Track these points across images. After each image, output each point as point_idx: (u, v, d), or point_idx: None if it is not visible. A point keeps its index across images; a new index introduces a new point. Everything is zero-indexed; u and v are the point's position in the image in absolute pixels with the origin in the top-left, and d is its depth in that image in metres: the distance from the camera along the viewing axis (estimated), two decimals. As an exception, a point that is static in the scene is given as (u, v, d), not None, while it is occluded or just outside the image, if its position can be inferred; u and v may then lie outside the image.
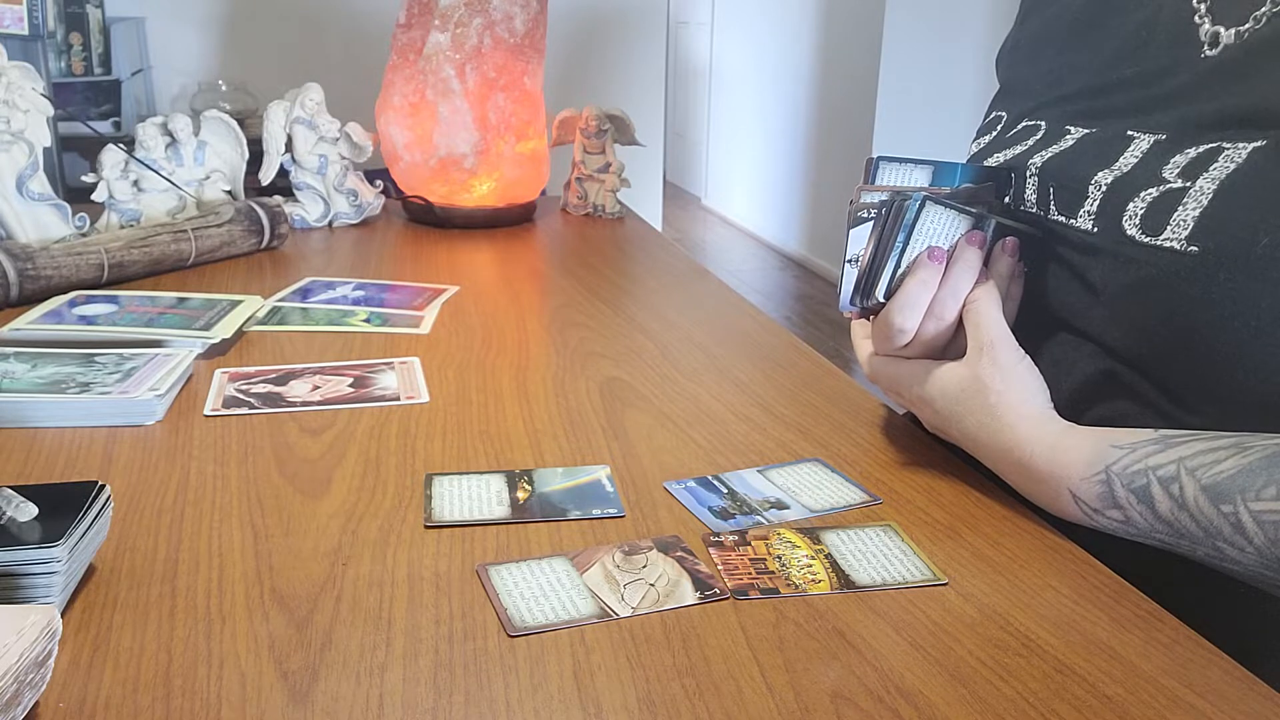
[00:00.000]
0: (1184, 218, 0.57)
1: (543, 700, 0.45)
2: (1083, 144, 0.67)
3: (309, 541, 0.58)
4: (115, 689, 0.46)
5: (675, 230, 5.48)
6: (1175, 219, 0.57)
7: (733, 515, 0.62)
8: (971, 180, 0.70)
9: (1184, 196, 0.57)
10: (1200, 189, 0.57)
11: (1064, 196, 0.66)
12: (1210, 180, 0.57)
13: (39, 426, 0.73)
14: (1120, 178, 0.62)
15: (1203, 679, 0.48)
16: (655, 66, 2.70)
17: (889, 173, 0.69)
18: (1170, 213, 0.58)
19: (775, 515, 0.63)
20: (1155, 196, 0.59)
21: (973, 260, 0.65)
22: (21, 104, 1.09)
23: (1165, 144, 0.61)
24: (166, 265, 1.12)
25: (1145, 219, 0.59)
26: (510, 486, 0.65)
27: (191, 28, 2.35)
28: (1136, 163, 0.62)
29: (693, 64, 6.15)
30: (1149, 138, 0.62)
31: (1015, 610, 0.53)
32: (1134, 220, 0.60)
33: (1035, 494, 0.61)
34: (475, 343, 0.93)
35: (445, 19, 1.32)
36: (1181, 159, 0.59)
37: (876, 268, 0.66)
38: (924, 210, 0.64)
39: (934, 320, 0.65)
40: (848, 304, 0.68)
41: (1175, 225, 0.57)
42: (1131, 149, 0.63)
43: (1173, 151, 0.60)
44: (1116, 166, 0.63)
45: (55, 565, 0.49)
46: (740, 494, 0.65)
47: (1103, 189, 0.63)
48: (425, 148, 1.37)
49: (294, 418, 0.76)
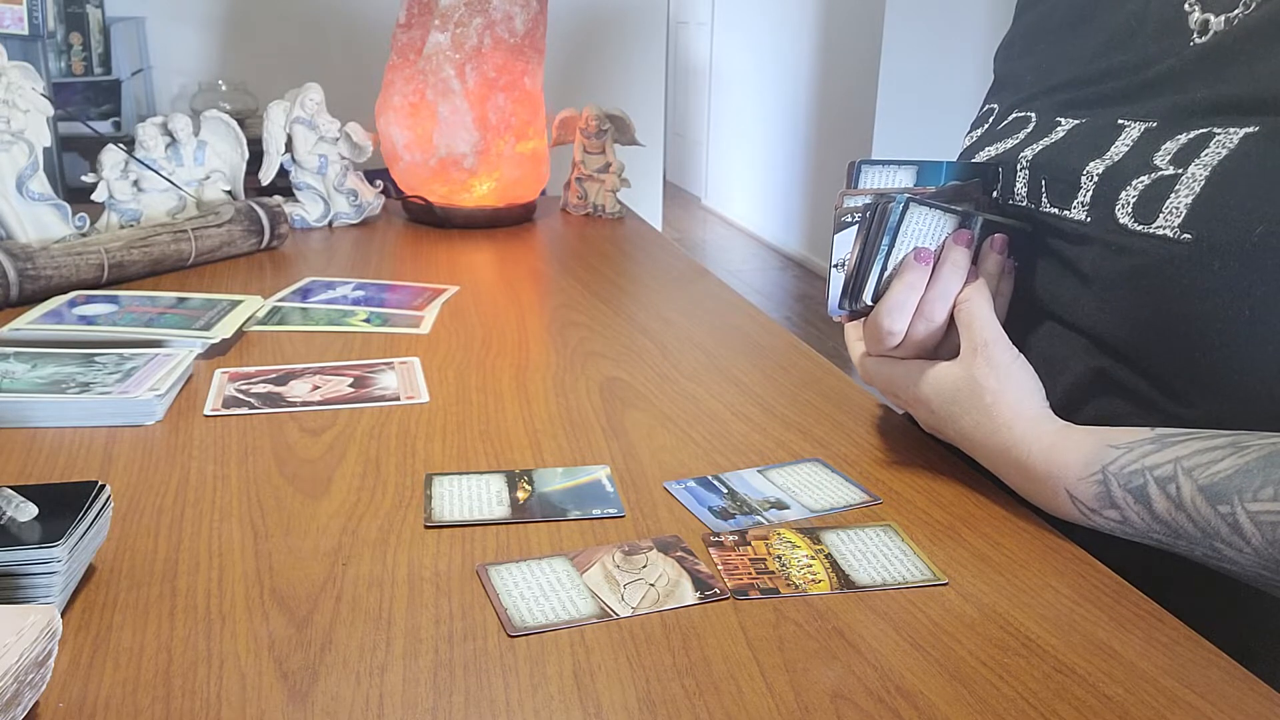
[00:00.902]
0: (1176, 205, 0.57)
1: (543, 700, 0.45)
2: (1073, 135, 0.67)
3: (309, 541, 0.58)
4: (115, 689, 0.46)
5: (675, 230, 5.48)
6: (1168, 206, 0.57)
7: (733, 515, 0.62)
8: (957, 177, 0.70)
9: (1176, 184, 0.57)
10: (1192, 175, 0.57)
11: (1056, 188, 0.66)
12: (1202, 167, 0.56)
13: (39, 426, 0.73)
14: (1111, 167, 0.62)
15: (1203, 679, 0.48)
16: (655, 66, 2.70)
17: (872, 176, 0.68)
18: (1162, 200, 0.58)
19: (775, 515, 0.63)
20: (1147, 184, 0.59)
21: (960, 260, 0.65)
22: (21, 104, 1.09)
23: (1156, 131, 0.61)
24: (166, 265, 1.12)
25: (1138, 207, 0.59)
26: (510, 486, 0.65)
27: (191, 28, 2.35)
28: (1127, 151, 0.61)
29: (693, 64, 6.15)
30: (1140, 125, 0.62)
31: (1015, 610, 0.53)
32: (1126, 209, 0.60)
33: (1032, 494, 0.61)
34: (475, 343, 0.93)
35: (445, 19, 1.32)
36: (1172, 145, 0.59)
37: (863, 272, 0.66)
38: (908, 212, 0.64)
39: (924, 321, 0.65)
40: (836, 308, 0.68)
41: (1168, 213, 0.57)
42: (1122, 138, 0.63)
43: (1163, 138, 0.60)
44: (1108, 156, 0.62)
45: (55, 565, 0.49)
46: (740, 494, 0.65)
47: (1095, 179, 0.62)
48: (425, 148, 1.37)
49: (294, 418, 0.76)
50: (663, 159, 2.84)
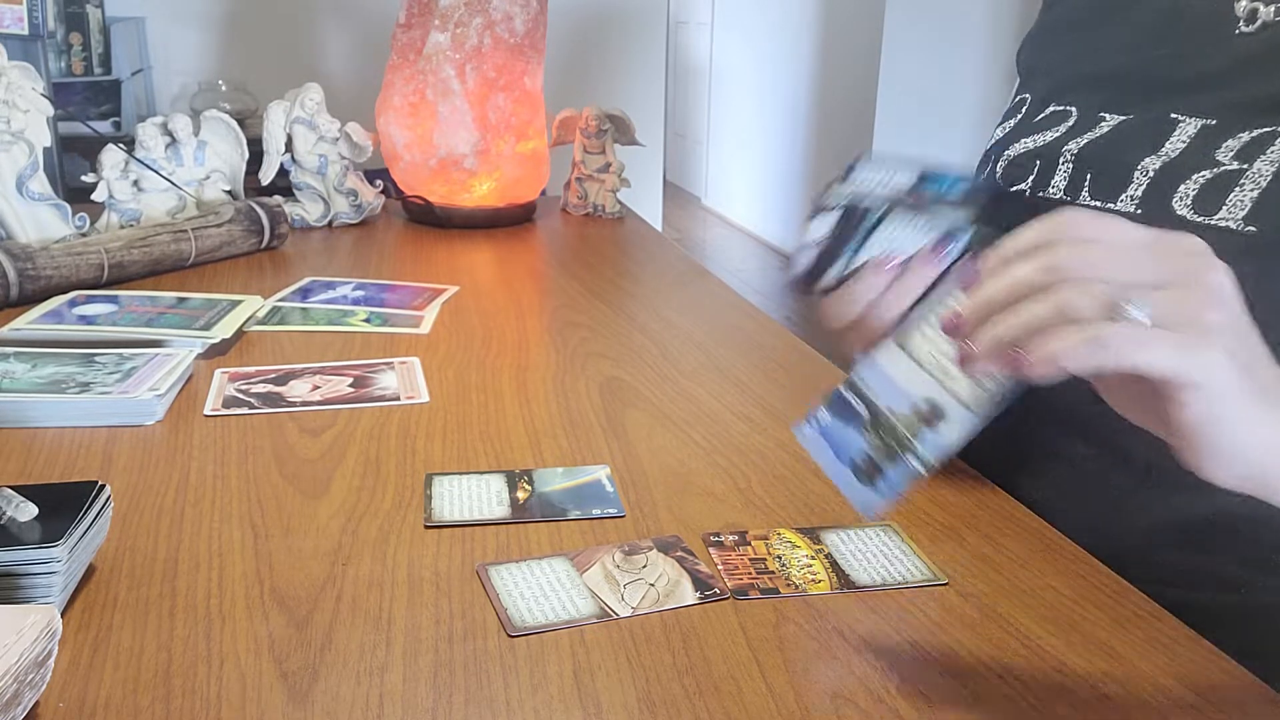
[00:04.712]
0: (1241, 198, 0.57)
1: (543, 700, 0.45)
2: (1122, 130, 0.66)
3: (309, 541, 0.58)
4: (115, 689, 0.46)
5: (675, 230, 5.48)
6: (1231, 199, 0.57)
7: (880, 469, 0.47)
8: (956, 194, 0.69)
9: (1240, 178, 0.57)
10: (1259, 171, 0.57)
11: (1102, 182, 0.65)
12: (1269, 163, 0.56)
13: (39, 426, 0.73)
14: (1169, 162, 0.61)
15: (1203, 679, 0.48)
16: (655, 66, 2.70)
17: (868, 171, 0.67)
18: (1225, 193, 0.57)
19: (932, 442, 0.46)
20: (1209, 178, 0.59)
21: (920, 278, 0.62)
22: (21, 104, 1.09)
23: (1215, 128, 0.61)
24: (166, 265, 1.12)
25: (1198, 200, 0.59)
26: (510, 486, 0.65)
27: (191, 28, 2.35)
28: (1185, 147, 0.61)
29: (693, 64, 6.15)
30: (1195, 121, 0.62)
31: (1015, 610, 0.53)
32: (1185, 201, 0.59)
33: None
34: (475, 343, 0.93)
35: (445, 19, 1.32)
36: (1234, 143, 0.59)
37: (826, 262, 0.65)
38: (887, 217, 0.64)
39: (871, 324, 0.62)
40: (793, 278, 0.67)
41: (1231, 205, 0.57)
42: (1177, 133, 0.62)
43: (1224, 135, 0.60)
44: (1164, 152, 0.62)
45: (55, 565, 0.49)
46: (883, 408, 0.48)
47: (1150, 174, 0.62)
48: (425, 148, 1.37)
49: (294, 418, 0.76)
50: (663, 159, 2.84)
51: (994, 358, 0.43)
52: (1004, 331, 0.43)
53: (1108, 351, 0.39)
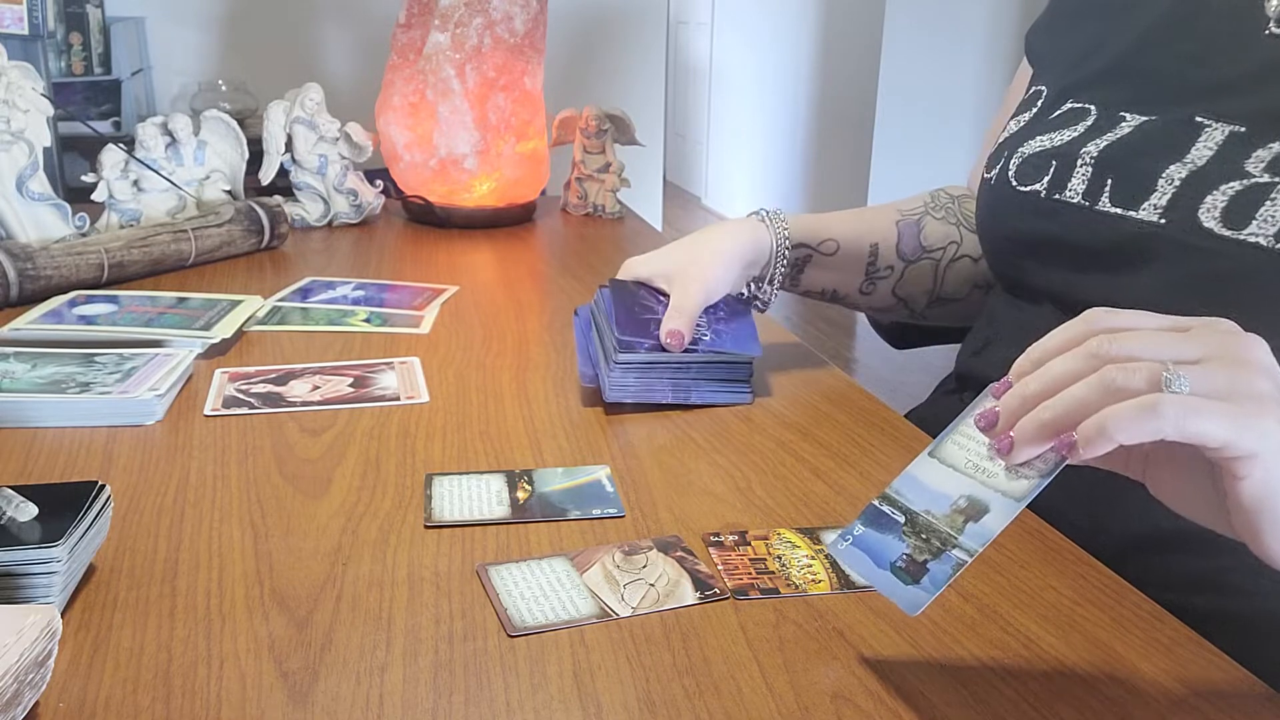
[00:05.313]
0: (1272, 213, 0.55)
1: (543, 700, 0.45)
2: (1144, 133, 0.64)
3: (309, 541, 0.58)
4: (115, 689, 0.46)
5: (675, 230, 5.47)
6: (1262, 214, 0.55)
7: (924, 566, 0.45)
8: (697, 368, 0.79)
9: (1271, 191, 0.56)
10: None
11: (1124, 188, 0.63)
12: None
13: (39, 426, 0.73)
14: (1195, 172, 0.60)
15: (1203, 679, 0.48)
16: (655, 66, 2.70)
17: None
18: (1256, 207, 0.56)
19: (974, 535, 0.45)
20: (1238, 190, 0.57)
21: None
22: (21, 104, 1.09)
23: (1245, 136, 0.59)
24: (166, 265, 1.12)
25: (1227, 213, 0.57)
26: (510, 486, 0.65)
27: (191, 28, 2.35)
28: (1213, 155, 0.59)
29: (693, 64, 6.15)
30: (1223, 127, 0.60)
31: (1015, 610, 0.53)
32: (1213, 214, 0.58)
33: None
34: (475, 343, 0.93)
35: (445, 19, 1.32)
36: (1265, 154, 0.57)
37: (588, 348, 0.83)
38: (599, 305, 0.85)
39: None
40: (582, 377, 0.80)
41: (1262, 220, 0.55)
42: (1204, 139, 0.60)
43: (1254, 145, 0.58)
44: (1189, 160, 0.60)
45: (55, 565, 0.49)
46: (920, 514, 0.47)
47: (1175, 183, 0.60)
48: (425, 148, 1.37)
49: (294, 418, 0.76)
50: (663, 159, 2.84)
51: (1038, 441, 0.42)
52: (1048, 415, 0.42)
53: (1163, 420, 0.38)
